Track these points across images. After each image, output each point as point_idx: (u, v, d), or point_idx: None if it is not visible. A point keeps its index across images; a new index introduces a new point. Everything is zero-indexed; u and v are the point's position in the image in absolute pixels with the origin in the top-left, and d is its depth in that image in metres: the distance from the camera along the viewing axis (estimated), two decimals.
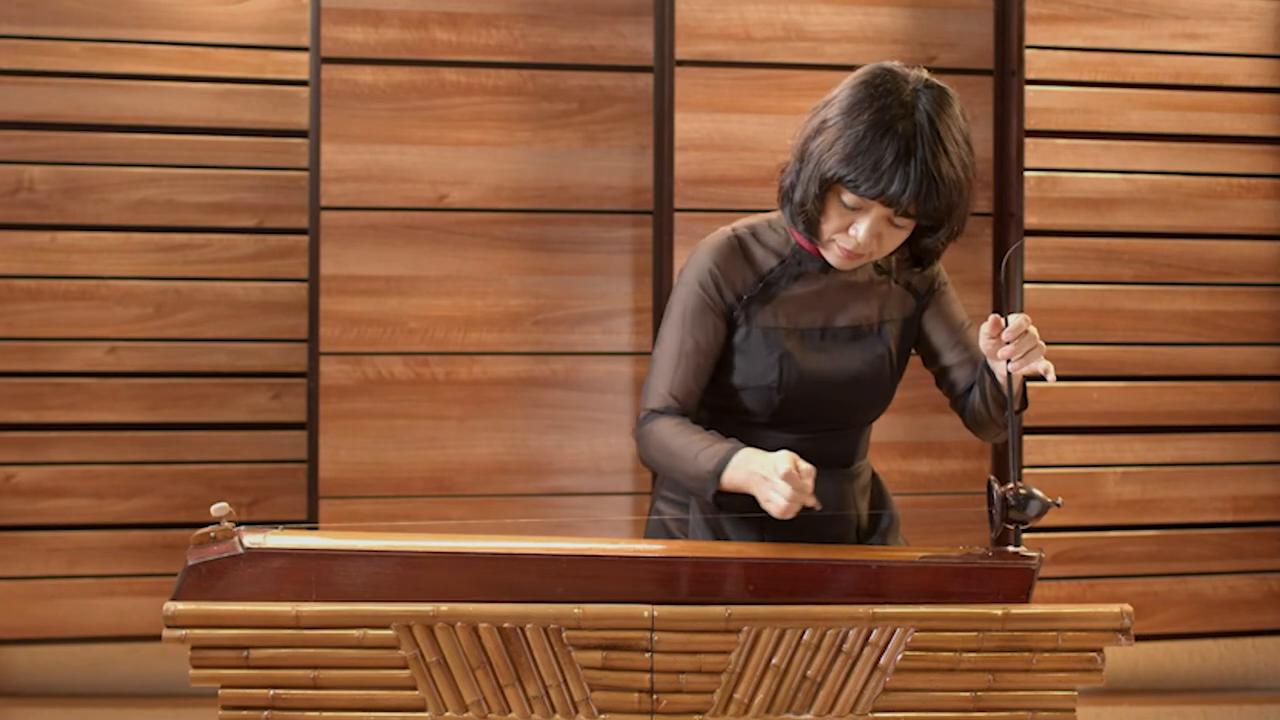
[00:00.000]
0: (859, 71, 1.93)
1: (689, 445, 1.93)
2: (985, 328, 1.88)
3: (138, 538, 3.43)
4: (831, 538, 2.03)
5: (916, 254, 2.01)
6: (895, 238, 1.94)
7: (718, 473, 1.88)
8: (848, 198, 1.89)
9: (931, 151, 1.84)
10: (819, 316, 2.03)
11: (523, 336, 3.34)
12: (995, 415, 2.00)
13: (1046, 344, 1.89)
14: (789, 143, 1.99)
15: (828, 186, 1.90)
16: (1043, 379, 1.87)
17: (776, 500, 1.80)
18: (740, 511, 1.93)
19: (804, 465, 1.81)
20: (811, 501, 1.81)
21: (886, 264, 2.07)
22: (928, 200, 1.86)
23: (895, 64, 1.93)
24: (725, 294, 2.00)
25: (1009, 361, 1.86)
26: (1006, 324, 1.86)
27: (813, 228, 1.95)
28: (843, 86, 1.92)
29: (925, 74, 1.91)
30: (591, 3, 3.36)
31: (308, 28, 3.33)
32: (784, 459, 1.80)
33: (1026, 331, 1.86)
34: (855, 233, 1.91)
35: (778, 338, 2.01)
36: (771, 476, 1.80)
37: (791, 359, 2.00)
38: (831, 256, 1.97)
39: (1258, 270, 3.59)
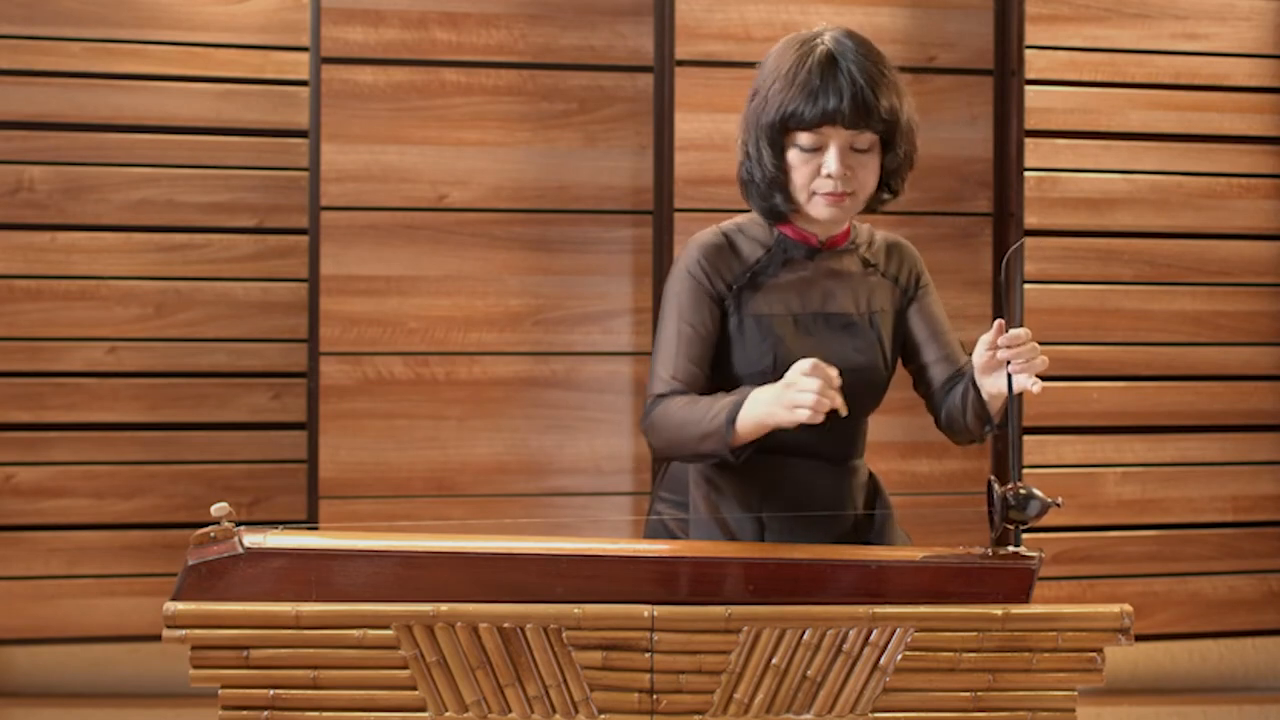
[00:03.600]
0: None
1: (698, 409, 1.91)
2: (985, 337, 1.88)
3: (138, 538, 3.43)
4: (832, 537, 2.03)
5: (884, 179, 2.04)
6: (867, 168, 1.98)
7: (732, 418, 1.86)
8: (802, 138, 1.96)
9: (854, 61, 1.95)
10: (809, 301, 2.05)
11: (523, 336, 3.34)
12: (971, 425, 2.02)
13: (1046, 344, 1.91)
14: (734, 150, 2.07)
15: (779, 138, 1.96)
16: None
17: (804, 399, 1.76)
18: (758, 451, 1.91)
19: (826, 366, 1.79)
20: (839, 402, 1.77)
21: (873, 256, 2.10)
22: (867, 106, 1.93)
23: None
24: (716, 283, 2.03)
25: (1009, 364, 1.86)
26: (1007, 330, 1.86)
27: (785, 188, 1.99)
28: (763, 61, 2.04)
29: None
30: (591, 3, 3.36)
31: (308, 28, 3.33)
32: (803, 361, 1.79)
33: (1029, 342, 1.86)
34: (827, 169, 1.96)
35: (770, 324, 2.02)
36: (794, 378, 1.78)
37: (784, 345, 2.01)
38: (818, 209, 2.00)
39: (1258, 270, 3.59)
